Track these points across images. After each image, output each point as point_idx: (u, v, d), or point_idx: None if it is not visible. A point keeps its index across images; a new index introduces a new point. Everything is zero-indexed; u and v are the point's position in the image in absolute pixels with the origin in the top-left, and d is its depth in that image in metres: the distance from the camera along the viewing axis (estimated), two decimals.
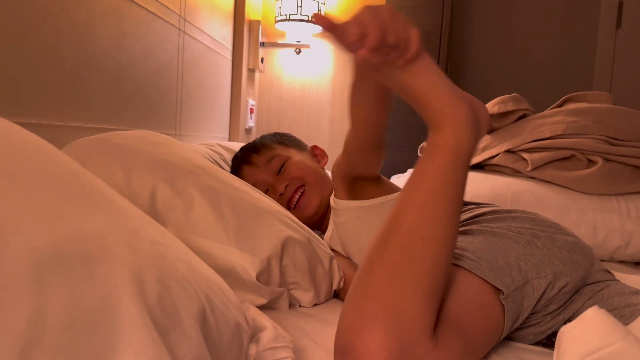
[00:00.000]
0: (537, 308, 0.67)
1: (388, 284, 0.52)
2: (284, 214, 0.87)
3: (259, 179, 1.05)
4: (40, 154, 0.48)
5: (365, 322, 0.50)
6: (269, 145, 1.11)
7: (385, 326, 0.48)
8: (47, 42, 0.88)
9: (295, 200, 1.03)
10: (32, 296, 0.33)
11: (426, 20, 2.08)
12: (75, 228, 0.41)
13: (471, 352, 0.56)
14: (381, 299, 0.51)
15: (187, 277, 0.47)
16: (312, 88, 2.22)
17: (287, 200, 1.03)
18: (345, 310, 0.53)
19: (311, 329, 0.74)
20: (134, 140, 0.88)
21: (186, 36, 1.48)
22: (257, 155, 1.09)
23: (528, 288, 0.65)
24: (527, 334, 0.71)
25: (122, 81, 1.14)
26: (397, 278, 0.52)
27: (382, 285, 0.52)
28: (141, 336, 0.36)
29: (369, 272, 0.54)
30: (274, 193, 1.03)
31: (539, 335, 0.72)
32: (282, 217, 0.85)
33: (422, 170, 0.59)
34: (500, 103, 1.46)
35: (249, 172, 1.08)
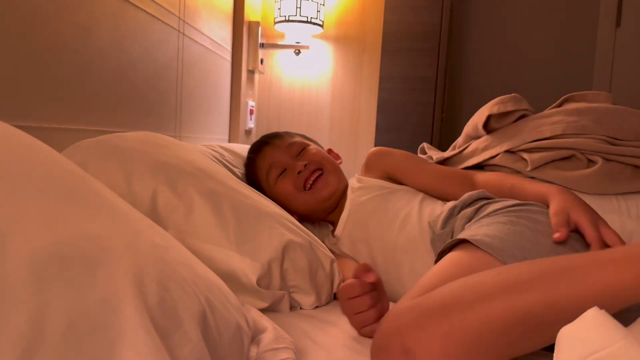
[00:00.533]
0: None
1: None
2: (285, 217, 0.87)
3: (278, 158, 1.06)
4: (41, 158, 0.48)
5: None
6: (290, 133, 1.16)
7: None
8: (46, 44, 0.89)
9: (311, 182, 1.04)
10: (33, 298, 0.33)
11: (426, 20, 2.08)
12: (75, 231, 0.41)
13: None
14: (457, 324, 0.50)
15: (188, 279, 0.47)
16: (311, 89, 2.22)
17: (304, 179, 1.03)
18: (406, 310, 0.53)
19: (312, 329, 0.74)
20: (135, 142, 0.88)
21: (185, 38, 1.48)
22: (279, 139, 1.12)
23: None
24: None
25: (121, 83, 1.14)
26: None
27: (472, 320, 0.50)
28: (142, 338, 0.36)
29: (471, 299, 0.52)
30: (291, 171, 1.04)
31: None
32: (283, 220, 0.85)
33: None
34: (500, 103, 1.45)
35: (269, 152, 1.09)
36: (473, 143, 1.53)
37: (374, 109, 2.16)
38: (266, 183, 1.06)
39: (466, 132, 1.58)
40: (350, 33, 2.16)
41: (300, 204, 1.04)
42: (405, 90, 2.11)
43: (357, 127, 2.20)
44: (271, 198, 1.02)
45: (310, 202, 1.03)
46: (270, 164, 1.06)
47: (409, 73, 2.11)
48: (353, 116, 2.20)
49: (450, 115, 2.62)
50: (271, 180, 1.06)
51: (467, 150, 1.53)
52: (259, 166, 1.08)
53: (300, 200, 1.03)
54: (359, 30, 2.16)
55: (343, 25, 2.17)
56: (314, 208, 1.04)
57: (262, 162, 1.08)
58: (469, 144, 1.54)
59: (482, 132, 1.51)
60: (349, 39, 2.17)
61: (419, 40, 2.09)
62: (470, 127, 1.54)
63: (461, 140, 1.60)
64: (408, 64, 2.10)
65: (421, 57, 2.09)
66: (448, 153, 1.58)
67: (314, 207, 1.04)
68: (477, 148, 1.50)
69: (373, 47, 2.15)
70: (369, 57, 2.16)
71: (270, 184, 1.06)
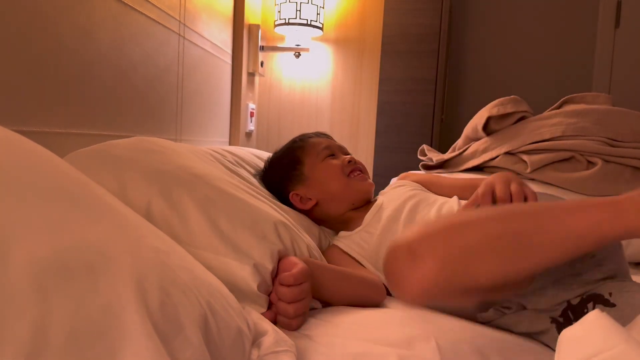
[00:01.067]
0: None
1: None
2: (282, 222, 0.87)
3: (333, 146, 1.18)
4: (42, 163, 0.49)
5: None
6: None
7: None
8: (47, 49, 0.89)
9: (354, 173, 1.14)
10: (36, 306, 0.33)
11: (425, 22, 2.09)
12: (77, 237, 0.41)
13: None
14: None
15: (189, 283, 0.47)
16: (311, 91, 2.22)
17: (351, 169, 1.14)
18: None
19: (311, 330, 0.74)
20: (130, 150, 0.88)
21: (186, 41, 1.49)
22: (332, 139, 1.24)
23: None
24: (540, 299, 0.74)
25: (122, 87, 1.15)
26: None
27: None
28: (144, 344, 0.36)
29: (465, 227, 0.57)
30: (339, 159, 1.14)
31: (552, 303, 0.74)
32: (280, 225, 0.85)
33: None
34: (500, 105, 1.46)
35: (327, 139, 1.20)
36: (473, 145, 1.53)
37: (374, 110, 2.16)
38: (315, 158, 1.14)
39: (466, 133, 1.58)
40: (350, 35, 2.17)
41: (338, 185, 1.12)
42: (405, 92, 2.12)
43: (357, 129, 2.20)
44: (310, 171, 1.12)
45: (347, 188, 1.12)
46: (325, 146, 1.16)
47: (408, 75, 2.11)
48: (353, 118, 2.20)
49: (450, 116, 2.62)
50: (321, 156, 1.14)
51: (467, 152, 1.53)
52: (313, 144, 1.16)
53: (340, 181, 1.12)
54: (359, 32, 2.16)
55: (343, 28, 2.17)
56: (346, 195, 1.12)
57: (319, 141, 1.17)
58: (469, 146, 1.55)
59: (481, 134, 1.51)
60: (348, 42, 2.17)
61: (419, 42, 2.09)
62: (470, 129, 1.55)
63: (461, 142, 1.60)
64: (408, 66, 2.11)
65: (421, 59, 2.10)
66: (448, 155, 1.58)
67: (347, 194, 1.12)
68: (476, 150, 1.50)
69: (373, 49, 2.15)
70: (368, 59, 2.16)
71: (319, 158, 1.14)
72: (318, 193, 1.12)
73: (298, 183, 1.12)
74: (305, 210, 1.12)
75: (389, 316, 0.80)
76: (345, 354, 0.65)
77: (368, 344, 0.68)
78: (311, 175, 1.12)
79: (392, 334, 0.72)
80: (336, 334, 0.72)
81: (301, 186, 1.12)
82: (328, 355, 0.65)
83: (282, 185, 1.14)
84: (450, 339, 0.71)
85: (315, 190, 1.12)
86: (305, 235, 0.92)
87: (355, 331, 0.73)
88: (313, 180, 1.12)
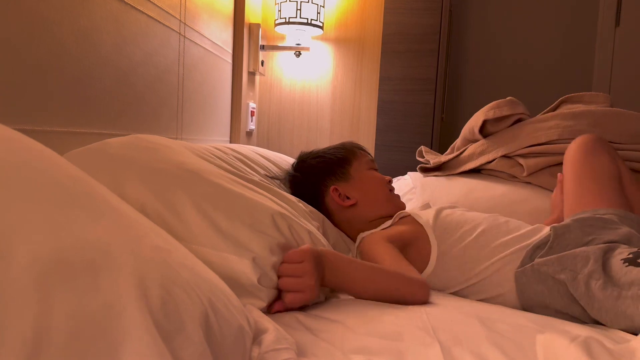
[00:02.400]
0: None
1: None
2: (279, 212, 0.87)
3: (375, 163, 1.27)
4: (43, 161, 0.49)
5: None
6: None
7: None
8: (48, 49, 0.89)
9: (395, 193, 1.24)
10: (37, 305, 0.34)
11: (425, 21, 2.09)
12: (78, 235, 0.41)
13: None
14: None
15: (190, 281, 0.48)
16: (312, 90, 2.23)
17: (391, 188, 1.24)
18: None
19: (312, 324, 0.74)
20: (126, 149, 0.88)
21: (186, 40, 1.49)
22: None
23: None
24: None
25: (123, 86, 1.15)
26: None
27: None
28: (145, 342, 0.37)
29: None
30: (381, 175, 1.23)
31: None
32: (278, 216, 0.85)
33: None
34: (496, 107, 1.46)
35: (370, 155, 1.28)
36: (470, 147, 1.53)
37: (374, 110, 2.17)
38: (362, 163, 1.22)
39: (463, 135, 1.58)
40: (350, 35, 2.17)
41: (382, 194, 1.19)
42: (405, 92, 2.12)
43: (357, 128, 2.20)
44: (354, 174, 1.19)
45: (388, 200, 1.19)
46: (369, 160, 1.25)
47: (408, 74, 2.11)
48: (353, 117, 2.20)
49: (450, 115, 2.62)
50: (367, 165, 1.22)
51: (464, 154, 1.53)
52: (360, 154, 1.24)
53: (384, 192, 1.20)
54: (359, 32, 2.16)
55: (343, 27, 2.17)
56: (386, 205, 1.18)
57: (365, 154, 1.25)
58: (466, 148, 1.55)
59: (478, 136, 1.51)
60: (349, 41, 2.17)
61: (419, 41, 2.09)
62: (467, 131, 1.55)
63: (459, 143, 1.60)
64: (408, 65, 2.11)
65: (421, 58, 2.10)
66: (445, 157, 1.59)
67: (387, 204, 1.18)
68: (473, 152, 1.50)
69: (373, 49, 2.15)
70: (369, 59, 2.16)
71: (365, 167, 1.22)
72: (360, 194, 1.17)
73: (341, 180, 1.17)
74: (338, 207, 1.16)
75: (392, 310, 0.81)
76: (346, 349, 0.66)
77: (369, 339, 0.68)
78: (356, 176, 1.19)
79: (392, 328, 0.72)
80: (337, 329, 0.73)
81: (344, 183, 1.17)
82: (328, 351, 0.65)
83: (322, 177, 1.19)
84: (451, 332, 0.71)
85: (357, 191, 1.17)
86: (305, 222, 0.92)
87: (356, 325, 0.73)
88: (357, 181, 1.18)
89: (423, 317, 0.77)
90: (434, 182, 1.53)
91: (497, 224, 1.03)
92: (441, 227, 1.04)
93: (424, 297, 0.88)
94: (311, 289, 0.79)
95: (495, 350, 0.66)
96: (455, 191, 1.44)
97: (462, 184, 1.46)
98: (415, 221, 1.06)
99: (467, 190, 1.43)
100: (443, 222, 1.05)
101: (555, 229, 0.95)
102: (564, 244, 0.90)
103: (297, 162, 1.25)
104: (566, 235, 0.92)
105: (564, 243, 0.90)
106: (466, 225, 1.03)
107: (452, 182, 1.49)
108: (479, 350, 0.66)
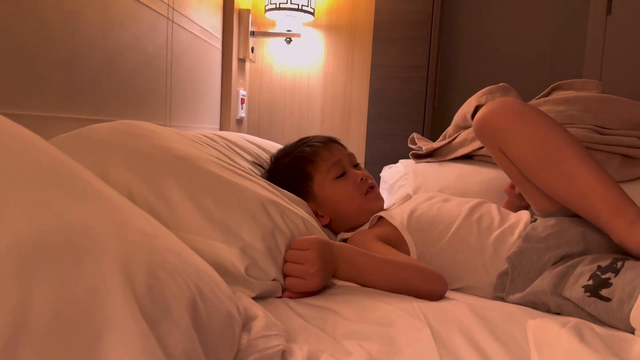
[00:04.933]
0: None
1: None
2: (271, 199, 0.85)
3: (344, 160, 1.13)
4: (24, 144, 0.47)
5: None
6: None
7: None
8: (33, 32, 0.87)
9: (371, 193, 1.12)
10: (18, 288, 0.33)
11: (417, 8, 2.07)
12: (62, 218, 0.40)
13: None
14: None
15: (177, 267, 0.47)
16: (303, 78, 2.21)
17: (366, 187, 1.11)
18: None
19: (303, 312, 0.74)
20: (111, 134, 0.86)
21: (175, 25, 1.46)
22: (341, 144, 1.19)
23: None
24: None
25: (110, 71, 1.13)
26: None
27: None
28: (130, 327, 0.36)
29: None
30: (352, 178, 1.11)
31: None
32: (268, 204, 0.84)
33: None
34: (488, 93, 1.45)
35: (337, 150, 1.14)
36: (462, 133, 1.53)
37: (366, 97, 2.15)
38: (325, 175, 1.10)
39: (455, 121, 1.58)
40: (341, 21, 2.15)
41: (351, 207, 1.10)
42: (397, 79, 2.11)
43: (349, 116, 2.19)
44: (319, 189, 1.09)
45: (363, 208, 1.10)
46: (336, 161, 1.11)
47: (400, 62, 2.10)
48: (345, 105, 2.19)
49: (442, 103, 2.62)
50: (331, 174, 1.10)
51: (457, 140, 1.53)
52: (323, 156, 1.11)
53: (354, 203, 1.09)
54: (350, 18, 2.14)
55: (334, 14, 2.15)
56: (359, 215, 1.10)
57: (329, 154, 1.11)
58: (458, 134, 1.54)
59: (470, 122, 1.51)
60: (340, 28, 2.15)
61: (411, 28, 2.08)
62: (459, 117, 1.55)
63: (451, 130, 1.60)
64: (399, 53, 2.09)
65: (413, 46, 2.08)
66: (437, 143, 1.58)
67: (360, 214, 1.10)
68: (466, 138, 1.50)
69: (364, 36, 2.13)
70: (360, 46, 2.15)
71: (329, 177, 1.10)
72: (330, 212, 1.10)
73: (308, 199, 1.08)
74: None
75: (384, 298, 0.81)
76: (337, 335, 0.65)
77: (360, 325, 0.68)
78: (321, 194, 1.09)
79: (384, 315, 0.72)
80: (328, 316, 0.72)
81: (311, 202, 1.09)
82: (319, 337, 0.65)
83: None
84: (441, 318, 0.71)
85: (326, 209, 1.10)
86: (298, 208, 0.91)
87: (348, 313, 0.73)
88: (323, 198, 1.09)
89: (414, 304, 0.77)
90: (425, 168, 1.53)
91: (469, 223, 0.99)
92: (416, 227, 1.01)
93: (443, 292, 0.88)
94: (312, 276, 0.79)
95: (486, 335, 0.66)
96: (447, 176, 1.45)
97: (454, 169, 1.47)
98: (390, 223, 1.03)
99: (457, 175, 1.44)
100: (418, 222, 1.02)
101: (510, 260, 0.90)
102: (524, 272, 0.88)
103: (265, 175, 1.13)
104: (523, 262, 0.89)
105: (524, 271, 0.88)
106: (440, 226, 1.00)
107: (444, 167, 1.49)
108: (469, 335, 0.66)
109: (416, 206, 1.06)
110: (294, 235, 0.84)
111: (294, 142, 1.19)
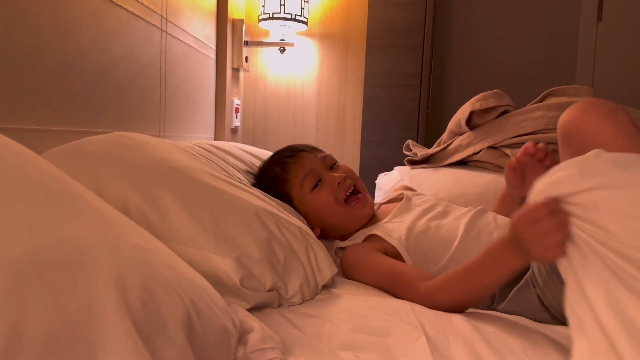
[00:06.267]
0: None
1: None
2: (265, 209, 0.85)
3: (315, 167, 1.06)
4: (17, 158, 0.47)
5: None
6: (318, 148, 1.16)
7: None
8: (26, 43, 0.87)
9: (347, 196, 1.06)
10: (11, 308, 0.32)
11: (409, 15, 2.08)
12: (55, 234, 0.40)
13: None
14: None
15: (172, 282, 0.46)
16: (297, 86, 2.21)
17: (345, 191, 1.05)
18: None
19: (299, 322, 0.74)
20: (105, 146, 0.85)
21: (168, 36, 1.47)
22: (312, 149, 1.12)
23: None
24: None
25: (103, 83, 1.13)
26: None
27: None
28: (124, 344, 0.35)
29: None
30: (329, 184, 1.05)
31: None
32: (263, 214, 0.84)
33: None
34: (482, 99, 1.46)
35: (306, 158, 1.08)
36: (457, 139, 1.54)
37: (360, 105, 2.16)
38: (300, 190, 1.05)
39: (450, 128, 1.59)
40: (334, 30, 2.16)
41: (338, 217, 1.05)
42: (391, 87, 2.12)
43: (343, 124, 2.20)
44: (300, 207, 1.04)
45: (349, 217, 1.06)
46: (307, 172, 1.05)
47: (393, 69, 2.11)
48: (339, 113, 2.20)
49: (435, 111, 2.63)
50: (306, 187, 1.05)
51: (451, 146, 1.54)
52: (294, 172, 1.06)
53: (337, 213, 1.04)
54: (344, 27, 2.15)
55: (327, 22, 2.16)
56: (348, 224, 1.07)
57: (299, 168, 1.06)
58: (453, 140, 1.55)
59: (465, 128, 1.52)
60: (333, 36, 2.16)
61: (404, 36, 2.09)
62: (454, 124, 1.56)
63: (446, 136, 1.61)
64: (393, 60, 2.11)
65: (406, 53, 2.10)
66: (432, 150, 1.59)
67: (348, 222, 1.07)
68: (460, 144, 1.51)
69: (357, 44, 2.15)
70: (353, 54, 2.16)
71: (305, 191, 1.05)
72: (318, 223, 1.06)
73: (298, 215, 1.04)
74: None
75: (378, 306, 0.80)
76: (333, 345, 0.65)
77: (356, 335, 0.68)
78: (304, 209, 1.04)
79: (379, 324, 0.72)
80: (323, 326, 0.72)
81: (302, 217, 1.04)
82: (315, 348, 0.64)
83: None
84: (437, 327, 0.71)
85: (314, 221, 1.05)
86: (293, 218, 0.91)
87: (342, 321, 0.73)
88: (307, 213, 1.04)
89: (410, 313, 0.77)
90: (421, 173, 1.54)
91: (467, 243, 0.97)
92: (415, 248, 0.98)
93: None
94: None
95: (482, 344, 0.65)
96: (442, 181, 1.46)
97: (449, 174, 1.48)
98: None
99: (453, 180, 1.45)
100: (416, 242, 0.98)
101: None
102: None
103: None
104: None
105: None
106: (439, 248, 0.97)
107: (439, 172, 1.50)
108: (465, 344, 0.65)
109: (413, 223, 1.01)
110: (281, 246, 0.83)
111: (268, 159, 1.15)
